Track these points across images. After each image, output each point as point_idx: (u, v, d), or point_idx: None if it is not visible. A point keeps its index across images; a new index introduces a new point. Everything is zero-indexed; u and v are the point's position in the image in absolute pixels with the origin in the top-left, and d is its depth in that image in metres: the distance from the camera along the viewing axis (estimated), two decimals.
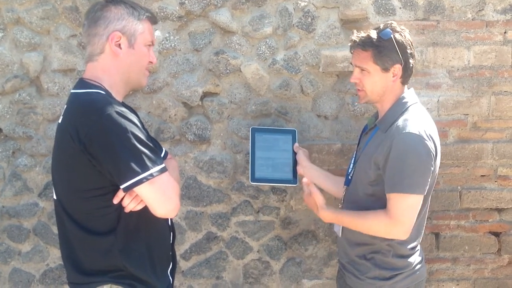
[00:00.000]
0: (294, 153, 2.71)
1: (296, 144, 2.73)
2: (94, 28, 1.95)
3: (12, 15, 2.83)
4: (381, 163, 2.18)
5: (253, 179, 2.70)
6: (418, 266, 2.31)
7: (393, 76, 2.23)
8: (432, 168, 2.16)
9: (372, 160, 2.21)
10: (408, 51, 2.22)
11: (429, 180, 2.16)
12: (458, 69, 2.95)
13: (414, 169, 2.12)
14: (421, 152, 2.12)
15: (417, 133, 2.13)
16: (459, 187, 3.03)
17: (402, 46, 2.20)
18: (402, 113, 2.23)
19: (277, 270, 3.10)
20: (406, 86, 2.32)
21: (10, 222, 3.00)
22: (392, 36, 2.19)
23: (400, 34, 2.21)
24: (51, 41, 2.87)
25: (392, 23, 2.27)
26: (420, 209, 2.22)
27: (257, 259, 3.09)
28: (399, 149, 2.13)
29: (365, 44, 2.22)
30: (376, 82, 2.25)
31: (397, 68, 2.22)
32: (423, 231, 2.35)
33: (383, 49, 2.19)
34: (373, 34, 2.22)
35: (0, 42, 2.86)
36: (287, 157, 2.70)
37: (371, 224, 2.21)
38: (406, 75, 2.26)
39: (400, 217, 2.14)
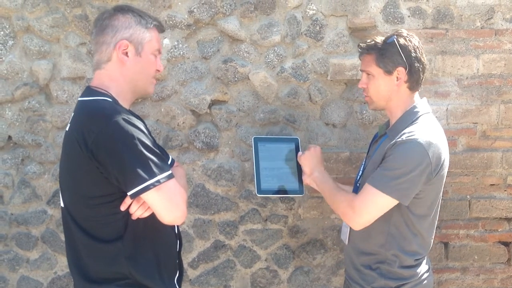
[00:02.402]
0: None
1: (300, 153, 2.70)
2: (102, 36, 1.96)
3: (22, 23, 2.85)
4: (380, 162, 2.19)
5: (260, 191, 2.65)
6: (425, 275, 2.28)
7: (397, 80, 2.22)
8: (423, 180, 2.12)
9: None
10: (413, 54, 2.20)
11: (414, 191, 2.12)
12: (467, 78, 2.94)
13: (401, 174, 2.09)
14: (416, 161, 2.09)
15: (420, 142, 2.10)
16: (468, 196, 3.02)
17: (405, 50, 2.19)
18: (412, 123, 2.20)
19: (285, 279, 3.09)
20: (416, 94, 2.28)
21: (19, 229, 3.01)
22: (395, 39, 2.20)
23: (405, 39, 2.21)
24: (61, 49, 2.89)
25: (401, 30, 2.28)
26: (427, 220, 2.22)
27: (265, 268, 3.08)
28: (397, 151, 2.12)
29: (369, 48, 2.27)
30: (380, 86, 2.25)
31: (401, 71, 2.20)
32: (432, 241, 2.32)
33: (385, 51, 2.21)
34: (378, 39, 2.27)
35: (10, 50, 2.88)
36: (292, 167, 2.67)
37: (338, 200, 2.26)
38: (413, 80, 2.22)
39: (362, 208, 2.15)
